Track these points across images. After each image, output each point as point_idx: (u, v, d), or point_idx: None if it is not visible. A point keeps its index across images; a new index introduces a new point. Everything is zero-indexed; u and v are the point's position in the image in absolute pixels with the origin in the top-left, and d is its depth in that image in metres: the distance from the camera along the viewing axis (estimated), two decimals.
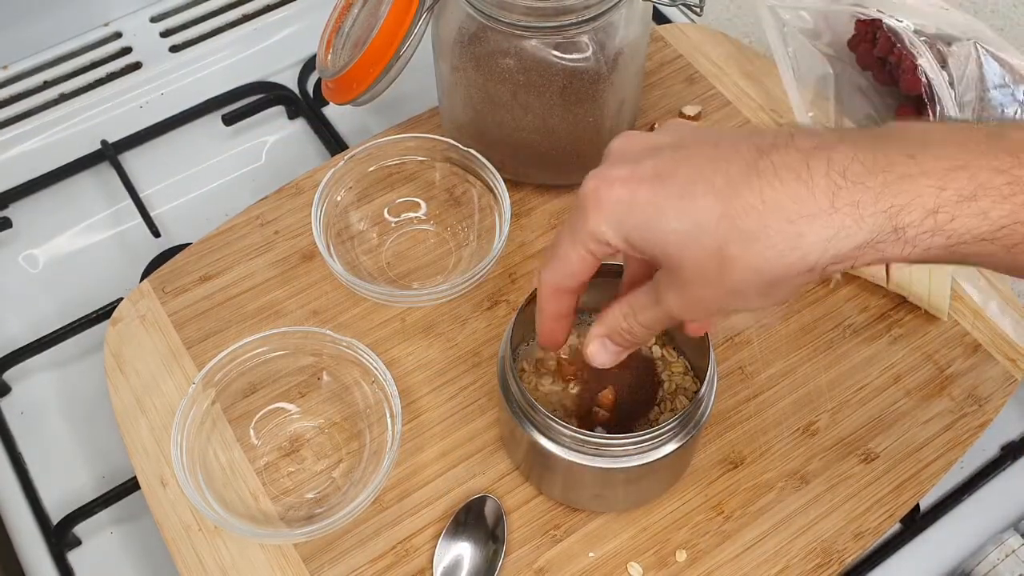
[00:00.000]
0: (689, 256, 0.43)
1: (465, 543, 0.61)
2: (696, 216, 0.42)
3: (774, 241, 0.41)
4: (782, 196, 0.41)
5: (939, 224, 0.40)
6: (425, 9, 0.67)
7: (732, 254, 0.42)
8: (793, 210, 0.41)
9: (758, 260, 0.42)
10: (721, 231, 0.42)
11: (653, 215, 0.43)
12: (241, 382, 0.66)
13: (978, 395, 0.67)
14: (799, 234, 0.41)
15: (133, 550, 0.67)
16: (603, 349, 0.51)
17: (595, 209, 0.45)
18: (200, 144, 0.86)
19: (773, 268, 0.42)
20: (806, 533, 0.62)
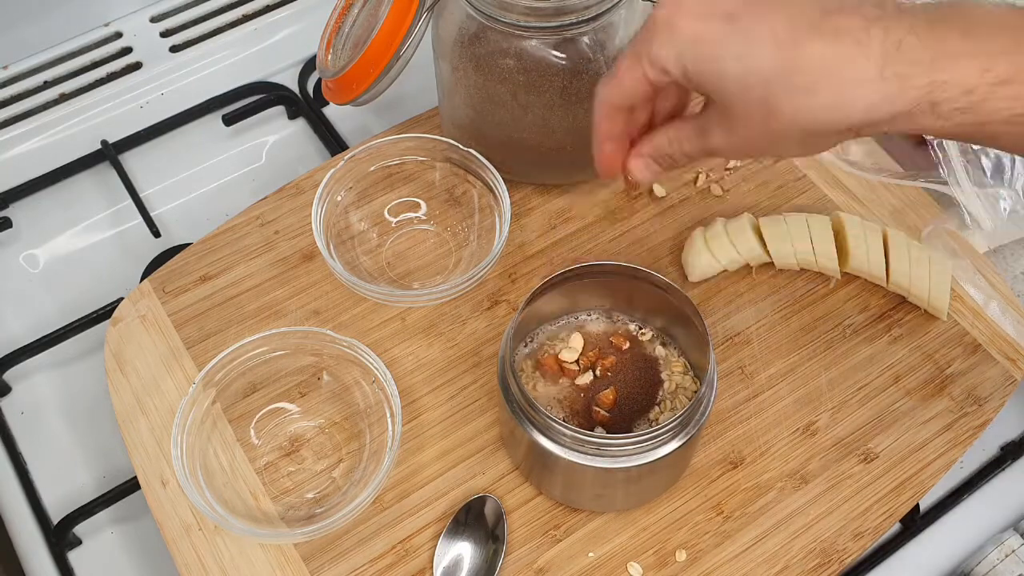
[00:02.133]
0: (740, 99, 0.47)
1: (465, 543, 0.61)
2: (755, 63, 0.45)
3: (821, 99, 0.45)
4: (838, 57, 0.44)
5: (973, 103, 0.43)
6: (425, 9, 0.67)
7: (780, 105, 0.46)
8: (844, 73, 0.44)
9: (803, 114, 0.45)
10: (774, 81, 0.45)
11: (716, 53, 0.46)
12: (241, 382, 0.66)
13: (978, 395, 0.67)
14: (848, 96, 0.44)
15: (133, 550, 0.67)
16: (645, 167, 0.55)
17: (663, 35, 0.48)
18: (200, 144, 0.86)
19: (815, 123, 0.45)
20: (806, 533, 0.62)
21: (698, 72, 0.47)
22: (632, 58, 0.50)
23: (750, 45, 0.46)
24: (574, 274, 0.62)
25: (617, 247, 0.73)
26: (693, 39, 0.47)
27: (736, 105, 0.47)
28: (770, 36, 0.45)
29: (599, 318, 0.66)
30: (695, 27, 0.47)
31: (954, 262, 0.71)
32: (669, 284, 0.61)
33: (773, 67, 0.45)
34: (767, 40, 0.45)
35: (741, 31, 0.46)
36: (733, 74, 0.46)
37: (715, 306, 0.70)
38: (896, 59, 0.43)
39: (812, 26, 0.45)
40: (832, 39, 0.44)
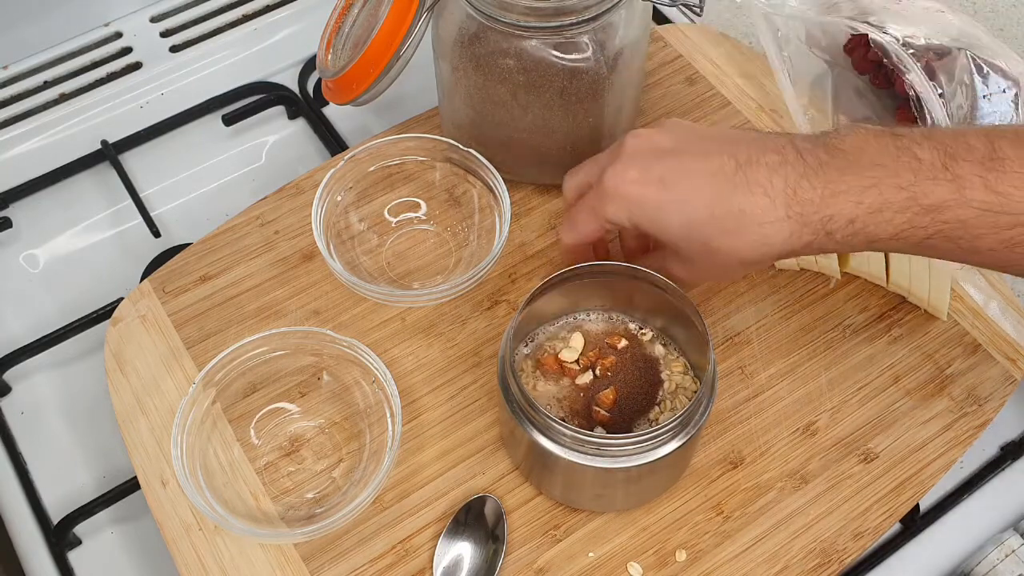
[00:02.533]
0: (685, 245, 0.58)
1: (465, 543, 0.61)
2: (691, 217, 0.57)
3: (747, 238, 0.56)
4: (752, 206, 0.55)
5: (857, 229, 0.55)
6: (425, 9, 0.67)
7: (717, 246, 0.57)
8: (760, 216, 0.55)
9: (737, 250, 0.57)
10: (708, 229, 0.57)
11: (658, 214, 0.58)
12: (241, 382, 0.66)
13: (978, 395, 0.67)
14: (765, 234, 0.56)
15: (133, 550, 0.67)
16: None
17: (612, 202, 0.59)
18: (200, 144, 0.86)
19: (748, 256, 0.57)
20: (806, 533, 0.62)
21: (648, 227, 0.58)
22: (589, 214, 0.61)
23: (685, 205, 0.57)
24: (574, 274, 0.62)
25: (617, 247, 0.73)
26: (639, 204, 0.58)
27: (684, 249, 0.58)
28: (697, 197, 0.56)
29: (599, 318, 0.66)
30: (638, 192, 0.58)
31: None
32: (669, 284, 0.61)
33: (705, 219, 0.56)
34: (697, 199, 0.56)
35: (676, 194, 0.57)
36: (675, 227, 0.57)
37: (715, 306, 0.70)
38: (794, 202, 0.55)
39: (729, 181, 0.56)
40: (746, 191, 0.55)
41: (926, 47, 0.75)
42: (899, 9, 0.76)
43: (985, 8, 0.90)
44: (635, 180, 0.58)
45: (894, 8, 0.76)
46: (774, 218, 0.55)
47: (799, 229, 0.55)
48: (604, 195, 0.59)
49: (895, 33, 0.75)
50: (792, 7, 0.77)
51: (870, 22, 0.75)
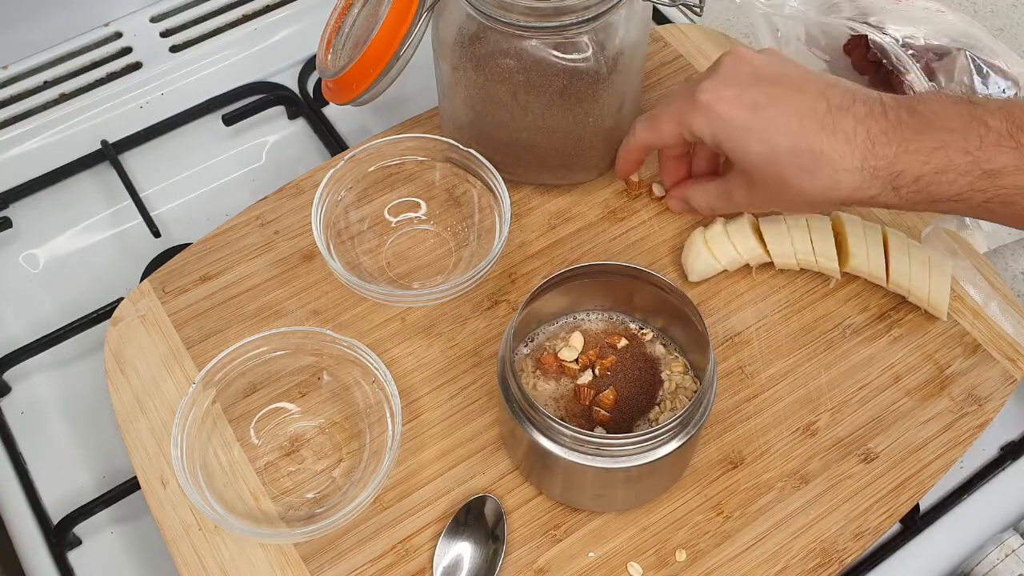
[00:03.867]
0: (759, 171, 0.62)
1: (465, 543, 0.61)
2: (773, 147, 0.60)
3: (821, 180, 0.60)
4: (833, 150, 0.59)
5: (921, 187, 0.58)
6: (425, 9, 0.67)
7: (791, 180, 0.60)
8: (838, 162, 0.59)
9: (807, 190, 0.60)
10: (786, 162, 0.60)
11: (743, 135, 0.61)
12: (241, 382, 0.66)
13: (978, 395, 0.67)
14: (838, 180, 0.59)
15: (133, 550, 0.67)
16: (678, 205, 0.72)
17: (703, 115, 0.62)
18: (200, 144, 0.86)
19: (815, 197, 0.61)
20: (806, 533, 0.62)
21: (728, 146, 0.62)
22: (673, 120, 0.64)
23: (769, 132, 0.60)
24: (574, 274, 0.62)
25: (617, 247, 0.73)
26: (727, 123, 0.61)
27: (755, 175, 0.62)
28: (785, 127, 0.59)
29: (599, 318, 0.66)
30: (729, 112, 0.61)
31: (954, 262, 0.71)
32: (669, 284, 0.61)
33: (786, 152, 0.60)
34: (784, 130, 0.59)
35: (765, 121, 0.60)
36: (755, 152, 0.61)
37: (715, 306, 0.70)
38: (870, 155, 0.58)
39: (817, 121, 0.59)
40: (831, 134, 0.59)
41: (925, 47, 0.75)
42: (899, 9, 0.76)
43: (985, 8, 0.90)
44: (728, 99, 0.61)
45: (894, 8, 0.76)
46: (849, 166, 0.58)
47: (869, 181, 0.59)
48: (695, 107, 0.62)
49: (894, 34, 0.75)
50: (792, 7, 0.77)
51: (870, 22, 0.76)
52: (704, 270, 0.70)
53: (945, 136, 0.57)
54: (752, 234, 0.70)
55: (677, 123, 0.64)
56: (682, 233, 0.73)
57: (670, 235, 0.74)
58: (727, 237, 0.70)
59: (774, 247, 0.70)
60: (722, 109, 0.61)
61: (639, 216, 0.75)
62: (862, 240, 0.70)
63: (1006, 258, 0.77)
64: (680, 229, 0.74)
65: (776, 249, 0.70)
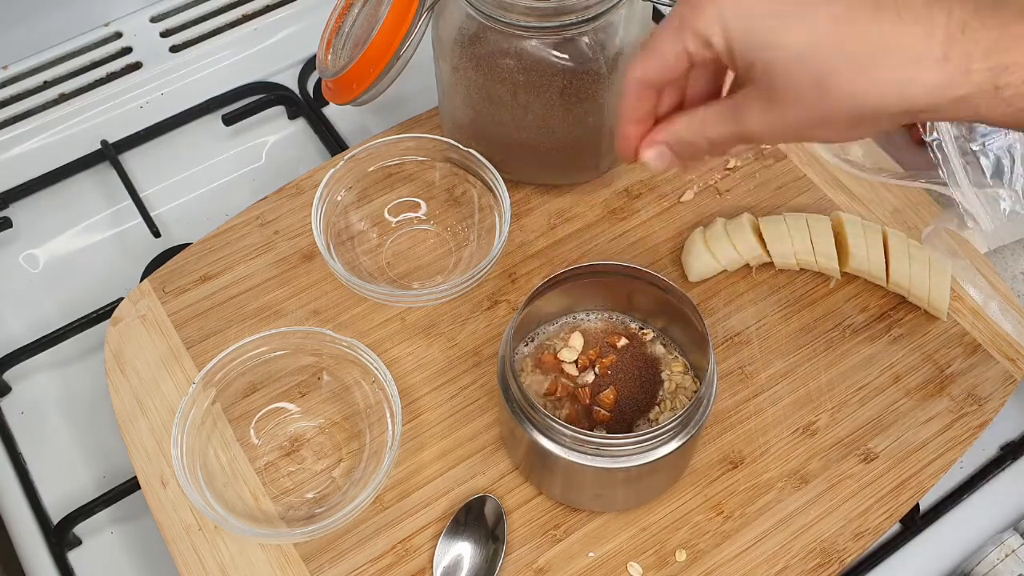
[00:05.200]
0: (791, 75, 0.44)
1: (465, 543, 0.61)
2: (811, 37, 0.43)
3: (882, 77, 0.42)
4: (901, 36, 0.42)
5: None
6: (425, 9, 0.67)
7: (835, 82, 0.43)
8: (908, 52, 0.42)
9: (860, 92, 0.43)
10: (832, 56, 0.43)
11: (768, 27, 0.44)
12: (241, 382, 0.66)
13: (978, 395, 0.67)
14: (910, 77, 0.42)
15: (133, 550, 0.67)
16: (659, 157, 0.51)
17: (710, 8, 0.45)
18: (200, 144, 0.86)
19: (872, 104, 0.43)
20: (806, 533, 0.62)
21: (746, 46, 0.45)
22: (672, 31, 0.47)
23: (809, 21, 0.43)
24: (574, 274, 0.62)
25: (617, 247, 0.73)
26: (743, 12, 0.44)
27: (786, 83, 0.44)
28: (827, 11, 0.43)
29: (599, 318, 0.66)
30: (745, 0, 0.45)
31: (954, 262, 0.71)
32: (669, 284, 0.61)
33: (832, 42, 0.43)
34: (824, 15, 0.43)
35: (796, 4, 0.44)
36: (787, 47, 0.44)
37: (715, 306, 0.70)
38: (960, 41, 0.42)
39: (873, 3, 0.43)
40: (894, 18, 0.42)
41: None
42: None
43: None
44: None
45: None
46: (929, 55, 0.42)
47: (959, 78, 0.42)
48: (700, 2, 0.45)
49: None
50: None
51: None
52: (704, 270, 0.70)
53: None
54: (752, 234, 0.70)
55: (676, 34, 0.46)
56: (682, 233, 0.73)
57: (670, 235, 0.74)
58: (727, 237, 0.70)
59: (774, 247, 0.70)
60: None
61: (639, 216, 0.75)
62: (862, 240, 0.70)
63: (1006, 258, 0.77)
64: (680, 229, 0.74)
65: (776, 249, 0.70)
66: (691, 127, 0.49)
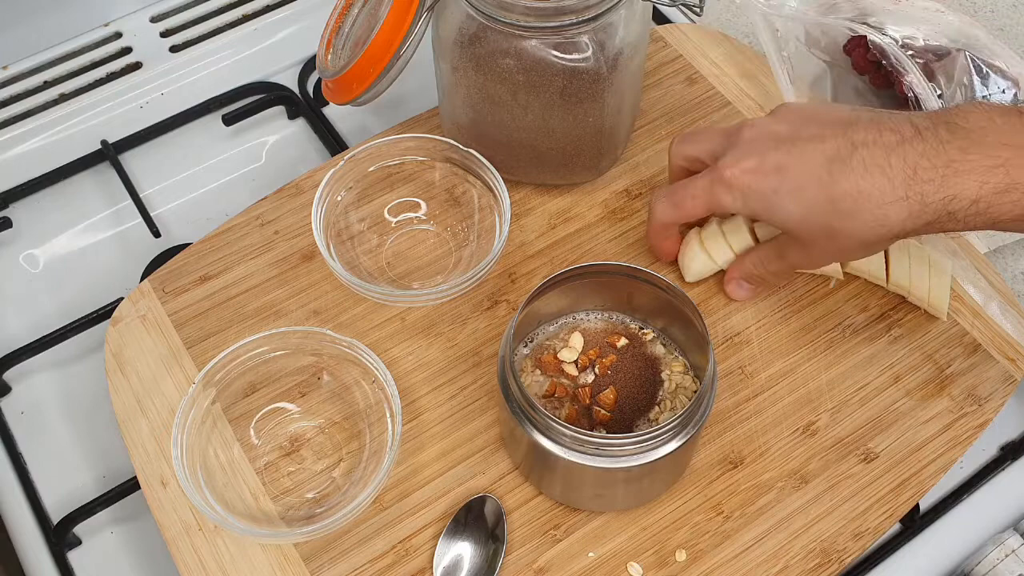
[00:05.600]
0: (805, 230, 0.60)
1: (465, 543, 0.61)
2: (808, 203, 0.59)
3: (866, 219, 0.57)
4: (871, 187, 0.56)
5: (980, 209, 0.55)
6: (425, 9, 0.67)
7: (836, 228, 0.58)
8: (878, 198, 0.56)
9: (856, 232, 0.58)
10: (827, 213, 0.58)
11: (775, 201, 0.60)
12: (241, 382, 0.66)
13: (978, 395, 0.67)
14: (884, 215, 0.57)
15: (133, 550, 0.67)
16: (739, 288, 0.69)
17: (729, 192, 0.61)
18: (200, 144, 0.86)
19: (867, 237, 0.58)
20: (806, 533, 0.62)
21: (764, 215, 0.61)
22: (698, 199, 0.63)
23: (802, 192, 0.58)
24: (574, 274, 0.62)
25: (617, 247, 0.73)
26: (756, 192, 0.60)
27: (803, 235, 0.61)
28: (815, 180, 0.58)
29: (599, 318, 0.66)
30: (755, 182, 0.60)
31: (954, 262, 0.71)
32: (669, 284, 0.61)
33: (822, 203, 0.58)
34: (815, 184, 0.58)
35: (792, 181, 0.59)
36: (794, 214, 0.59)
37: (715, 306, 0.70)
38: (914, 182, 0.55)
39: (845, 164, 0.57)
40: (863, 173, 0.56)
41: (925, 48, 0.75)
42: (899, 9, 0.76)
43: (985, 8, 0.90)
44: (752, 169, 0.60)
45: (893, 8, 0.76)
46: (893, 198, 0.56)
47: (919, 210, 0.56)
48: (720, 183, 0.61)
49: (894, 34, 0.75)
50: (791, 7, 0.77)
51: (869, 23, 0.75)
52: (701, 270, 0.70)
53: (1001, 153, 0.54)
54: (748, 234, 0.70)
55: (705, 202, 0.63)
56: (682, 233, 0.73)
57: None
58: (723, 237, 0.69)
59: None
60: (748, 180, 0.60)
61: (639, 216, 0.75)
62: None
63: (1006, 258, 0.77)
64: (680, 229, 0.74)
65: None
66: (755, 264, 0.67)
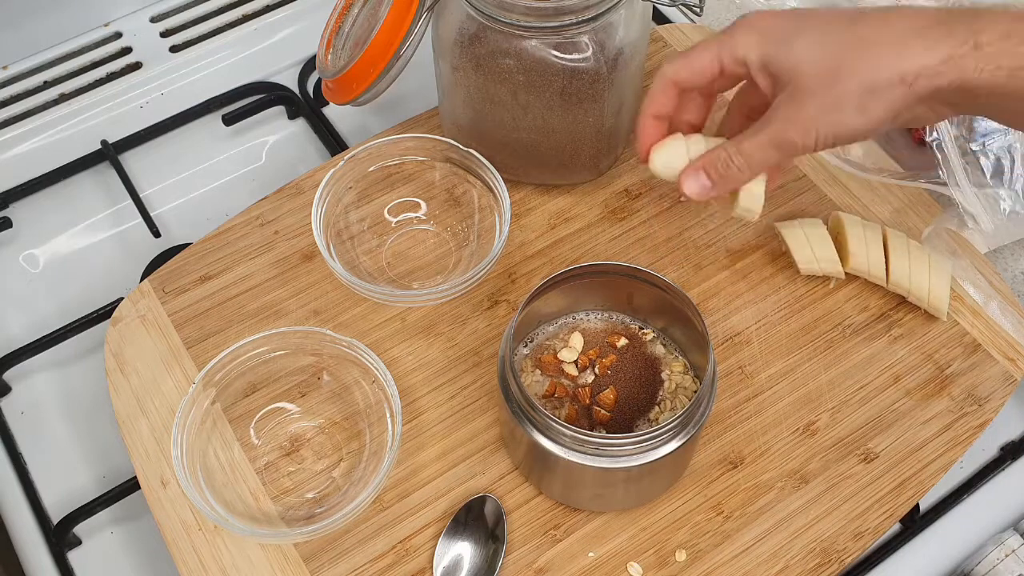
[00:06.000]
0: (813, 65, 0.54)
1: (465, 543, 0.61)
2: (828, 35, 0.55)
3: (885, 45, 0.53)
4: (898, 19, 0.54)
5: (1010, 47, 0.51)
6: (425, 9, 0.67)
7: (845, 66, 0.53)
8: (905, 23, 0.53)
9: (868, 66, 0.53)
10: (846, 44, 0.54)
11: (793, 34, 0.55)
12: (241, 382, 0.66)
13: (978, 395, 0.67)
14: (904, 44, 0.53)
15: (133, 550, 0.67)
16: (695, 179, 0.59)
17: (746, 29, 0.57)
18: (200, 144, 0.86)
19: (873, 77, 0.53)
20: (806, 533, 0.62)
21: (777, 55, 0.55)
22: (714, 47, 0.57)
23: (825, 23, 0.55)
24: (574, 274, 0.62)
25: (617, 247, 0.73)
26: (774, 28, 0.56)
27: (808, 73, 0.54)
28: (836, 19, 0.55)
29: (599, 318, 0.66)
30: (774, 21, 0.56)
31: (954, 262, 0.71)
32: (669, 284, 0.61)
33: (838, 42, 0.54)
34: (835, 22, 0.55)
35: (815, 18, 0.56)
36: (811, 45, 0.55)
37: (715, 306, 0.70)
38: (945, 14, 0.53)
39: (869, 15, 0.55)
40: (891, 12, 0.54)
41: None
42: None
43: None
44: (771, 15, 0.57)
45: None
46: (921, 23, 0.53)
47: (944, 38, 0.52)
48: (736, 28, 0.57)
49: None
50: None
51: None
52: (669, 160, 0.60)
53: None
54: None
55: (716, 49, 0.57)
56: (682, 233, 0.73)
57: (670, 235, 0.74)
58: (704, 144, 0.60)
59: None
60: (767, 21, 0.56)
61: (639, 216, 0.75)
62: (862, 240, 0.70)
63: (1006, 258, 0.77)
64: (680, 229, 0.74)
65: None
66: (727, 148, 0.58)
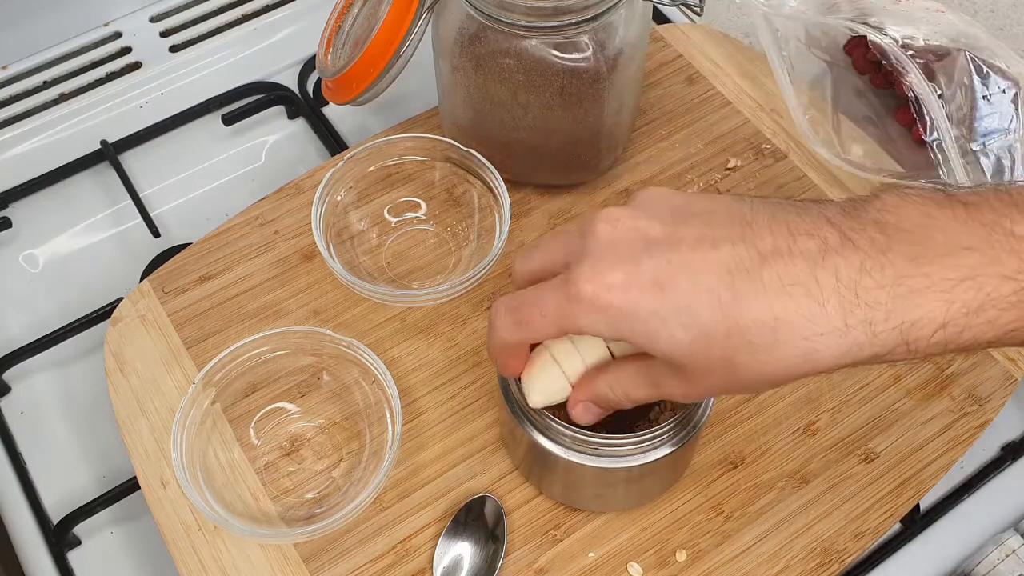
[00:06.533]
0: (697, 360, 0.44)
1: (465, 543, 0.61)
2: (704, 329, 0.43)
3: (787, 354, 0.42)
4: (793, 313, 0.41)
5: (948, 336, 0.41)
6: (425, 9, 0.67)
7: (743, 362, 0.43)
8: (806, 327, 0.41)
9: (770, 368, 0.43)
10: (731, 343, 0.42)
11: (657, 326, 0.43)
12: (241, 382, 0.66)
13: (978, 395, 0.67)
14: (813, 349, 0.42)
15: (133, 550, 0.67)
16: (586, 412, 0.52)
17: (588, 313, 0.44)
18: (200, 144, 0.86)
19: (783, 375, 0.43)
20: (806, 533, 0.62)
21: (643, 342, 0.44)
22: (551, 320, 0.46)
23: (695, 314, 0.43)
24: None
25: None
26: (627, 314, 0.44)
27: (693, 366, 0.44)
28: (710, 298, 0.42)
29: None
30: (625, 301, 0.43)
31: None
32: None
33: (724, 331, 0.42)
34: (711, 304, 0.42)
35: (679, 300, 0.43)
36: (682, 343, 0.43)
37: None
38: (857, 306, 0.41)
39: (752, 280, 0.42)
40: (780, 293, 0.42)
41: (925, 48, 0.75)
42: (899, 9, 0.76)
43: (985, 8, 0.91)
44: (619, 285, 0.44)
45: (893, 8, 0.76)
46: (826, 328, 0.41)
47: (865, 341, 0.41)
48: (577, 302, 0.44)
49: (894, 34, 0.75)
50: (792, 7, 0.77)
51: (869, 23, 0.75)
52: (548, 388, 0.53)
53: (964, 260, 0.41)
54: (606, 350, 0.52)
55: (556, 323, 0.46)
56: None
57: None
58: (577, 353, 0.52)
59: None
60: (615, 300, 0.43)
61: None
62: None
63: None
64: None
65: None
66: (613, 388, 0.50)
